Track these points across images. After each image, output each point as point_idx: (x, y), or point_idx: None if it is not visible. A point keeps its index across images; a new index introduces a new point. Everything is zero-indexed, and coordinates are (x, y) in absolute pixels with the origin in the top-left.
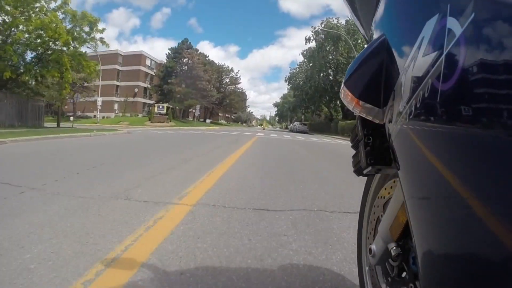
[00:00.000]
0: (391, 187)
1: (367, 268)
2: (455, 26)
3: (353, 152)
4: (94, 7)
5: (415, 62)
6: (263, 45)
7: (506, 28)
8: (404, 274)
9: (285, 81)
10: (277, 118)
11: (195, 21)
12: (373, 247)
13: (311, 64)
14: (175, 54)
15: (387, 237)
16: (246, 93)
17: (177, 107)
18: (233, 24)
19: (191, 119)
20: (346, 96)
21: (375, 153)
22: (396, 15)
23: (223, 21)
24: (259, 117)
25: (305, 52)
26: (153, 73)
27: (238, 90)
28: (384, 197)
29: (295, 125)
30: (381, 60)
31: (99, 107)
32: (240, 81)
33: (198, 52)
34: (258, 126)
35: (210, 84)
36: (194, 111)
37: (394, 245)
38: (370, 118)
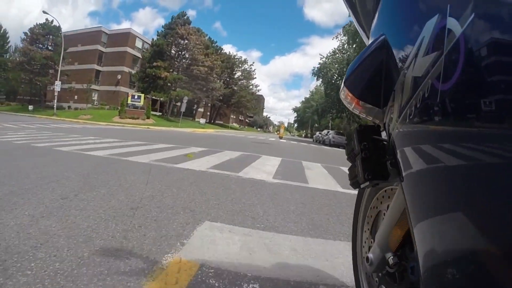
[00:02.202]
0: (383, 197)
1: (363, 274)
2: (455, 26)
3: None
4: (121, 5)
5: (415, 62)
6: (285, 52)
7: (505, 28)
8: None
9: (313, 74)
10: (295, 125)
11: (219, 24)
12: (370, 255)
13: (354, 46)
14: (167, 30)
15: (385, 247)
16: (265, 98)
17: (160, 99)
18: (257, 30)
19: (193, 119)
20: (346, 96)
21: (372, 168)
22: (396, 15)
23: (247, 26)
24: (276, 123)
25: (347, 26)
26: (140, 57)
27: (251, 86)
28: (377, 207)
29: (328, 136)
30: (381, 60)
31: (56, 94)
32: (254, 76)
33: (200, 31)
34: (275, 133)
35: (213, 73)
36: (180, 104)
37: (391, 255)
38: (370, 118)
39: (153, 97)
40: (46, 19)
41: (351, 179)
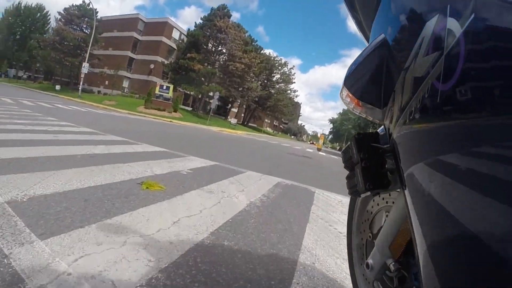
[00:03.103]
0: (378, 202)
1: (362, 280)
2: (455, 26)
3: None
4: (167, 2)
5: (415, 62)
6: (325, 62)
7: (505, 28)
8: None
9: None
10: (330, 137)
11: (262, 29)
12: (370, 261)
13: None
14: (205, 22)
15: (386, 253)
16: (301, 106)
17: (191, 93)
18: (299, 37)
19: (225, 118)
20: (346, 96)
21: (373, 178)
22: (396, 15)
23: (290, 33)
24: (310, 132)
25: None
26: (176, 48)
27: (289, 91)
28: (371, 212)
29: None
30: (381, 61)
31: (82, 76)
32: (294, 81)
33: (240, 27)
34: (308, 142)
35: (250, 72)
36: (211, 100)
37: (392, 261)
38: (370, 118)
39: (185, 91)
40: (83, 1)
41: (350, 188)
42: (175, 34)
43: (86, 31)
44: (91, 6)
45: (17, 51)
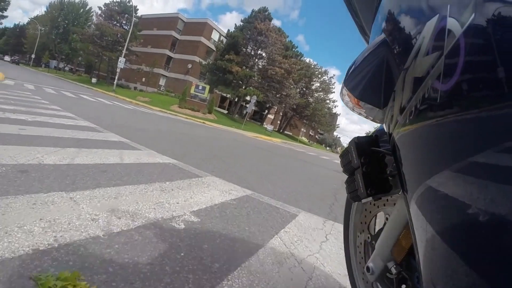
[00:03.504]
0: (377, 206)
1: (360, 280)
2: (455, 26)
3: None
4: (209, 6)
5: (415, 62)
6: None
7: (505, 28)
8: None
9: None
10: None
11: (302, 37)
12: (371, 265)
13: None
14: (246, 24)
15: (387, 257)
16: (338, 117)
17: (227, 95)
18: (338, 47)
19: (261, 124)
20: (346, 97)
21: (374, 182)
22: (396, 16)
23: (330, 44)
24: (345, 145)
25: None
26: (214, 49)
27: (328, 101)
28: (370, 214)
29: None
30: (381, 61)
31: (118, 70)
32: (333, 90)
33: (280, 31)
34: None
35: (289, 78)
36: (247, 104)
37: (394, 264)
38: (370, 118)
39: (222, 93)
40: None
41: (350, 192)
42: (215, 36)
43: (126, 27)
44: (131, 3)
45: (59, 44)
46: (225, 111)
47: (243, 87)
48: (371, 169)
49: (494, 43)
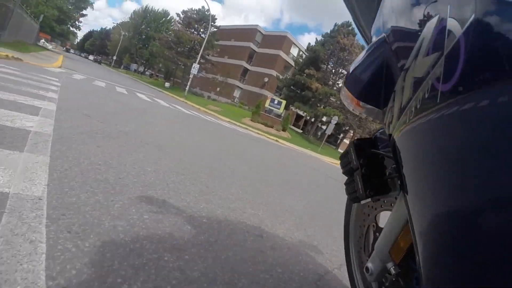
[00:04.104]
0: (376, 207)
1: (360, 280)
2: (455, 27)
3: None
4: (288, 26)
5: (416, 63)
6: None
7: (506, 29)
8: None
9: None
10: None
11: None
12: (370, 265)
13: None
14: (327, 38)
15: (386, 258)
16: None
17: (304, 113)
18: None
19: (336, 148)
20: (346, 97)
21: (373, 184)
22: (397, 16)
23: None
24: None
25: None
26: (293, 65)
27: None
28: (369, 215)
29: None
30: (381, 61)
31: (191, 76)
32: None
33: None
34: None
35: None
36: (326, 125)
37: (393, 265)
38: (370, 118)
39: (298, 111)
40: (202, 6)
41: (350, 194)
42: (293, 51)
43: (203, 35)
44: (209, 12)
45: (140, 49)
46: (300, 130)
47: (323, 106)
48: (370, 170)
49: (494, 43)
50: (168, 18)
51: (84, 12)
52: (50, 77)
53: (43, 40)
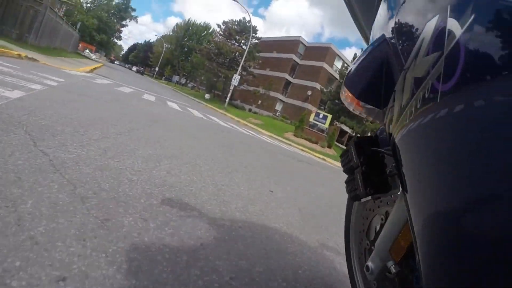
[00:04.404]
0: (377, 206)
1: (360, 280)
2: (455, 27)
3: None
4: (329, 39)
5: (416, 62)
6: None
7: (505, 29)
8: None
9: None
10: None
11: None
12: (370, 264)
13: None
14: None
15: (386, 257)
16: None
17: (351, 129)
18: None
19: None
20: (346, 97)
21: (374, 182)
22: (397, 16)
23: None
24: None
25: None
26: (338, 77)
27: None
28: (370, 214)
29: None
30: (381, 61)
31: (231, 87)
32: None
33: None
34: None
35: None
36: None
37: (393, 264)
38: (370, 118)
39: (343, 125)
40: (243, 17)
41: (350, 192)
42: (337, 63)
43: (244, 47)
44: (250, 23)
45: (182, 61)
46: (344, 147)
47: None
48: (371, 168)
49: (493, 43)
50: (210, 31)
51: (124, 22)
52: (56, 77)
53: (87, 50)
